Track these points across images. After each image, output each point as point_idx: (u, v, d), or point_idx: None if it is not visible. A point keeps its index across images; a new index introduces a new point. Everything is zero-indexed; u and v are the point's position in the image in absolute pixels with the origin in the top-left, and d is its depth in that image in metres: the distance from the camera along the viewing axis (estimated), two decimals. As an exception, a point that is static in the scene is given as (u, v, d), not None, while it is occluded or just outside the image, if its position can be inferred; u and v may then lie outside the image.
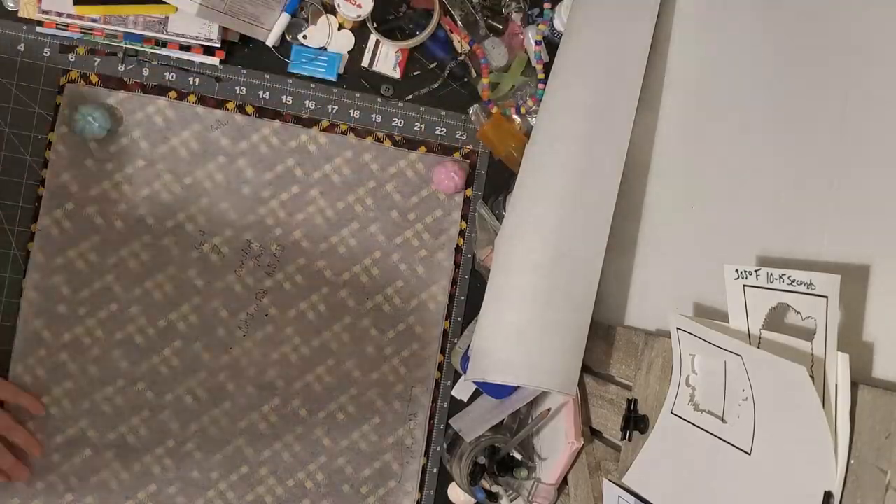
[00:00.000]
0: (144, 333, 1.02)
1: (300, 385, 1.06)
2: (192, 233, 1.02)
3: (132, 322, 1.01)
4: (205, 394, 1.04)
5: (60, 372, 0.99)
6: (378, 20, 1.05)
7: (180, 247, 1.02)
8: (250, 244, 1.04)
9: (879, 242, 0.59)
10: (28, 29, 0.98)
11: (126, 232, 1.01)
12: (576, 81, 0.95)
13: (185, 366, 1.03)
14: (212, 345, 1.04)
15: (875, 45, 0.62)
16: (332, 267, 1.07)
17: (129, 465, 1.02)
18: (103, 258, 1.00)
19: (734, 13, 0.85)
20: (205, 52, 1.01)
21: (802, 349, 0.59)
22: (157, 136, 1.01)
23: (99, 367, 1.01)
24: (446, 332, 1.11)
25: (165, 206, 1.02)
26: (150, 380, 1.02)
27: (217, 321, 1.04)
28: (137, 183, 1.01)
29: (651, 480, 0.77)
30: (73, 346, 1.00)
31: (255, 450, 1.06)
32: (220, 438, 1.04)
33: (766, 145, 0.74)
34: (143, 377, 1.02)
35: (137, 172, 1.01)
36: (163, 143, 1.01)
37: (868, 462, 0.53)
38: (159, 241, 1.02)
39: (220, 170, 1.03)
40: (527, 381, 0.91)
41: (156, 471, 1.03)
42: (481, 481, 1.02)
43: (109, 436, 1.01)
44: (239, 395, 1.05)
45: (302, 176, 1.06)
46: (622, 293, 0.99)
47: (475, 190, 1.11)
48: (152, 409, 1.02)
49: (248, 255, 1.04)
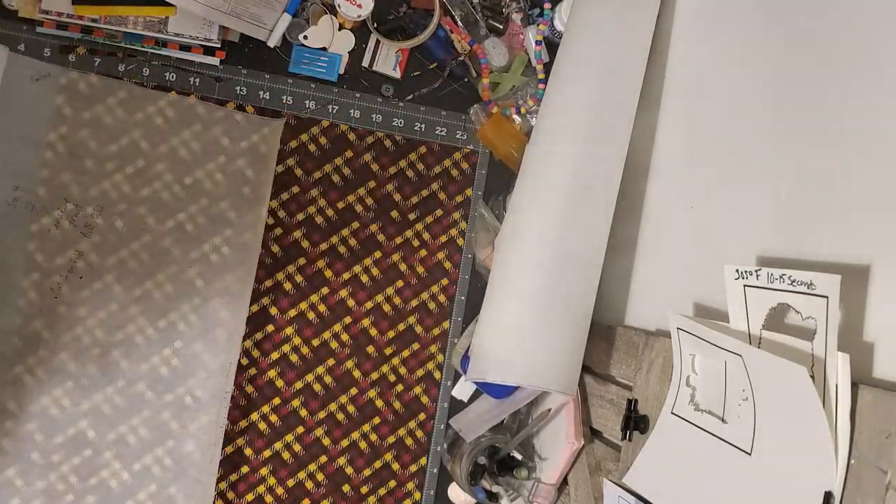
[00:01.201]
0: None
1: (302, 385, 1.07)
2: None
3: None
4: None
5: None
6: (378, 20, 1.05)
7: (181, 246, 1.03)
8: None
9: (879, 242, 0.59)
10: (28, 29, 0.98)
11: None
12: (576, 81, 0.95)
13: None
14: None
15: (875, 44, 0.62)
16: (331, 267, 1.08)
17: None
18: (103, 259, 1.01)
19: (734, 13, 0.85)
20: (205, 52, 1.01)
21: (803, 349, 0.59)
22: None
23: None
24: (445, 331, 1.11)
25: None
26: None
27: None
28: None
29: (651, 480, 0.77)
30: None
31: (254, 449, 1.06)
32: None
33: (766, 145, 0.74)
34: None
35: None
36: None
37: (868, 462, 0.53)
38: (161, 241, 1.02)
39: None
40: (527, 381, 0.91)
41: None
42: (481, 481, 1.02)
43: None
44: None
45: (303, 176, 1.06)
46: (622, 293, 0.99)
47: (475, 190, 1.11)
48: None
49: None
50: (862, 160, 0.62)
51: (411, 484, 1.10)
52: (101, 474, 1.01)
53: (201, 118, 1.02)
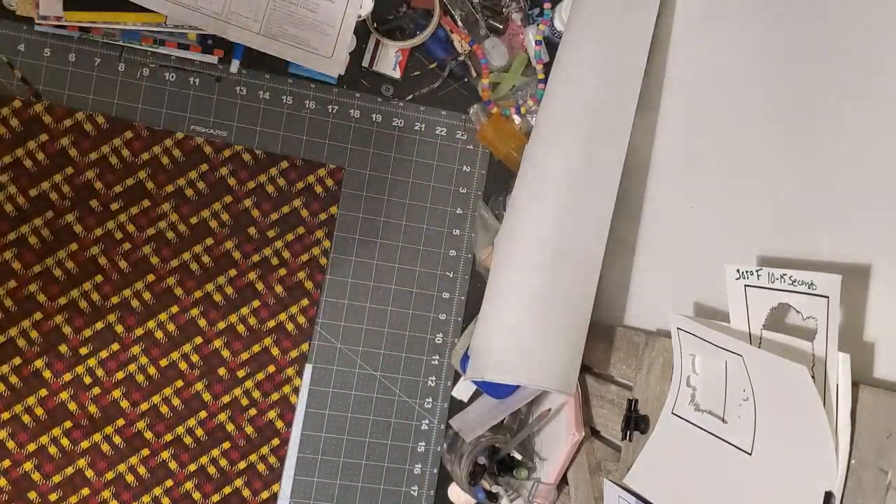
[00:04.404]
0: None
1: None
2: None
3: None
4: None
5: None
6: (378, 20, 1.05)
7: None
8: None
9: (879, 242, 0.59)
10: (28, 29, 0.98)
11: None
12: (576, 81, 0.95)
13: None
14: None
15: (875, 44, 0.62)
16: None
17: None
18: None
19: (734, 13, 0.85)
20: (203, 51, 1.01)
21: (803, 349, 0.59)
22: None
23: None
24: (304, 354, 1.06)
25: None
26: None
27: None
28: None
29: (651, 480, 0.77)
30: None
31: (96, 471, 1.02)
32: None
33: (766, 145, 0.74)
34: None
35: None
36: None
37: (869, 462, 0.53)
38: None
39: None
40: (526, 381, 0.91)
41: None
42: (481, 481, 1.02)
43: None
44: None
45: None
46: (622, 293, 0.99)
47: (475, 190, 1.11)
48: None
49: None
50: (862, 160, 0.62)
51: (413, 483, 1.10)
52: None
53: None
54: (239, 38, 0.97)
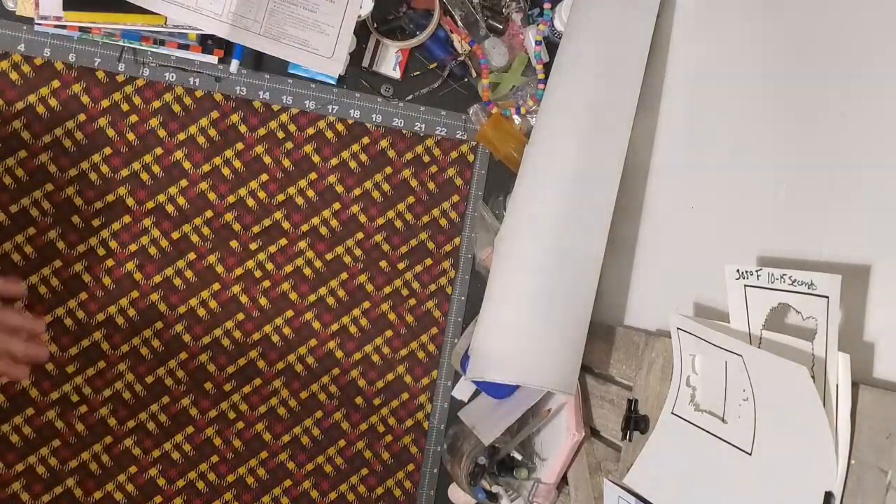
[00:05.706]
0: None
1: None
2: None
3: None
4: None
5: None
6: (378, 20, 1.05)
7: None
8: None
9: (879, 242, 0.59)
10: (28, 28, 0.98)
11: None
12: (576, 81, 0.95)
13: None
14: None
15: (875, 44, 0.62)
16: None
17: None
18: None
19: (734, 13, 0.85)
20: (203, 51, 1.01)
21: (803, 349, 0.59)
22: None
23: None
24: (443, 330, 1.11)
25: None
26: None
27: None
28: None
29: (651, 480, 0.77)
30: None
31: (273, 434, 1.07)
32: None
33: (766, 145, 0.74)
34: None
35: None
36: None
37: (869, 462, 0.53)
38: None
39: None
40: (526, 381, 0.91)
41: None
42: (481, 481, 1.02)
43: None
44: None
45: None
46: (622, 293, 0.99)
47: (475, 190, 1.11)
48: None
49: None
50: (862, 160, 0.62)
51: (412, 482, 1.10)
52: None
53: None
54: (239, 39, 0.97)
